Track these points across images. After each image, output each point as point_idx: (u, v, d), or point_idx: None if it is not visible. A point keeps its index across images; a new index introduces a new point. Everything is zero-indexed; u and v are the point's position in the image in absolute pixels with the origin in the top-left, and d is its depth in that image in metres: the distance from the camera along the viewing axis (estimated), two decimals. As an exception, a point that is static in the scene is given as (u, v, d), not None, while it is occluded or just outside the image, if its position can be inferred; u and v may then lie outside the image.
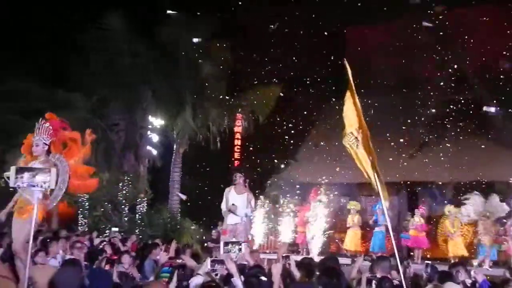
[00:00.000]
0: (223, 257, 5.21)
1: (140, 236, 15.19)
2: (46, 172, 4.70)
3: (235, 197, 9.49)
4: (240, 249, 5.20)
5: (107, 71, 18.76)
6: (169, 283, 5.18)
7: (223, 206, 9.61)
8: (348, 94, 5.47)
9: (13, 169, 4.72)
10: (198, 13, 19.47)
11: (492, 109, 17.33)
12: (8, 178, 4.84)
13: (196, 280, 5.03)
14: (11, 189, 5.39)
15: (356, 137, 5.31)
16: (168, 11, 19.35)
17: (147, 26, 19.35)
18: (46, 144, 6.05)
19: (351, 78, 5.46)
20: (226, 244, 5.29)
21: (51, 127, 6.12)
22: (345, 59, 5.56)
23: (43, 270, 4.88)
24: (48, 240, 8.18)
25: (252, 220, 10.04)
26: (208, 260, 5.27)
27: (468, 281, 6.32)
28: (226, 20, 20.98)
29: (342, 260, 7.16)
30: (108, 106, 18.92)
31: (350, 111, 5.39)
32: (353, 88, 5.44)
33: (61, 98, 18.54)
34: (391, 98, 19.20)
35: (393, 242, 5.75)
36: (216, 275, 5.03)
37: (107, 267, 7.32)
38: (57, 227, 15.73)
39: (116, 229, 13.48)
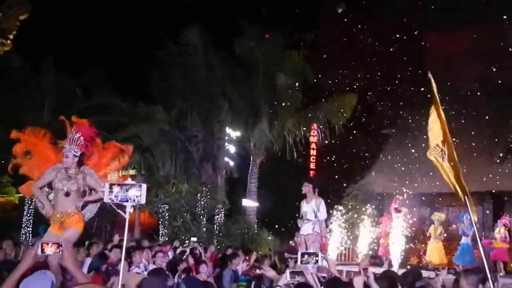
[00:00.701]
0: (302, 268, 5.15)
1: (218, 247, 15.37)
2: (137, 188, 4.87)
3: (305, 207, 9.54)
4: (317, 260, 5.09)
5: (185, 84, 19.36)
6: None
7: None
8: (433, 107, 5.37)
9: (107, 185, 4.92)
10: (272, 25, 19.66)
11: None
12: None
13: None
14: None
15: (442, 150, 5.20)
16: (243, 24, 19.62)
17: (224, 39, 19.80)
18: (76, 156, 6.13)
19: (435, 91, 5.35)
20: (303, 255, 5.20)
21: (82, 138, 6.17)
22: (429, 72, 5.44)
23: (134, 278, 5.02)
24: (131, 249, 8.41)
25: (325, 228, 9.94)
26: (288, 272, 5.23)
27: None
28: (302, 31, 21.09)
29: (425, 273, 6.90)
30: (186, 118, 19.43)
31: (435, 124, 5.29)
32: (438, 100, 5.33)
33: (142, 111, 19.30)
34: (476, 106, 18.48)
35: (482, 254, 5.47)
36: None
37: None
38: (140, 237, 16.27)
39: (195, 239, 13.73)
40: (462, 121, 17.40)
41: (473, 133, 17.11)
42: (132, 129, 18.72)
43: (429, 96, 5.52)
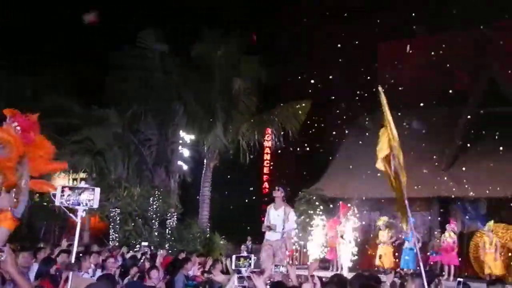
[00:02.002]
0: (243, 272, 5.14)
1: (170, 251, 15.27)
2: (90, 191, 4.80)
3: (274, 213, 9.41)
4: (250, 264, 5.11)
5: (140, 87, 19.19)
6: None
7: (265, 222, 9.57)
8: (383, 118, 5.54)
9: (58, 188, 4.82)
10: (229, 29, 19.70)
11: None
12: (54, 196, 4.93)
13: None
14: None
15: (390, 160, 5.38)
16: (201, 28, 19.60)
17: (180, 43, 19.73)
18: None
19: (385, 103, 5.52)
20: (238, 258, 5.21)
21: (19, 129, 5.70)
22: (379, 86, 5.63)
23: (84, 282, 4.94)
24: (80, 254, 8.27)
25: (292, 235, 9.91)
26: (235, 276, 5.24)
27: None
28: (258, 36, 21.20)
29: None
30: (140, 121, 19.26)
31: (385, 135, 5.46)
32: (388, 113, 5.50)
33: (95, 114, 19.00)
34: (425, 113, 19.03)
35: (419, 258, 5.68)
36: None
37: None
38: (89, 242, 15.98)
39: (146, 243, 13.57)
40: (412, 129, 17.90)
41: (423, 143, 17.56)
42: (84, 132, 18.40)
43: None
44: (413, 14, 21.40)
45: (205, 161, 20.08)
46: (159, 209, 17.62)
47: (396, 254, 16.03)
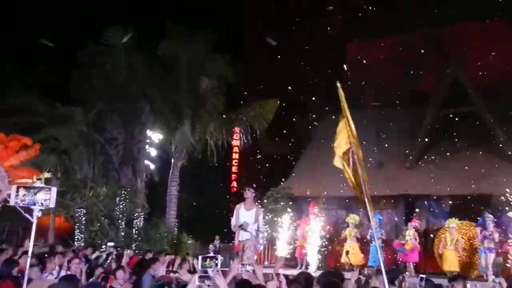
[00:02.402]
0: (210, 273, 5.09)
1: (137, 251, 15.11)
2: (46, 191, 4.70)
3: (244, 213, 9.35)
4: (216, 264, 5.06)
5: (106, 85, 18.92)
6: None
7: (233, 221, 9.52)
8: (341, 115, 5.55)
9: (14, 188, 4.71)
10: (197, 27, 19.60)
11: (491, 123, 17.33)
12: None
13: None
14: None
15: (349, 157, 5.39)
16: (167, 26, 19.43)
17: (146, 41, 19.53)
18: None
19: (343, 100, 5.53)
20: (204, 259, 5.15)
21: None
22: (338, 81, 5.60)
23: (41, 285, 4.84)
24: (45, 256, 8.11)
25: (263, 235, 9.88)
26: (196, 276, 5.21)
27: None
28: (226, 35, 21.14)
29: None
30: (106, 120, 19.00)
31: (343, 133, 5.46)
32: (346, 109, 5.51)
33: (60, 113, 18.67)
34: (391, 112, 19.31)
35: (380, 256, 5.75)
36: None
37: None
38: (54, 243, 15.70)
39: (112, 243, 13.38)
40: (379, 128, 18.14)
41: (389, 142, 17.80)
42: (49, 130, 18.05)
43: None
44: (381, 15, 21.72)
45: (172, 160, 19.93)
46: (126, 209, 17.42)
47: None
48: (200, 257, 5.05)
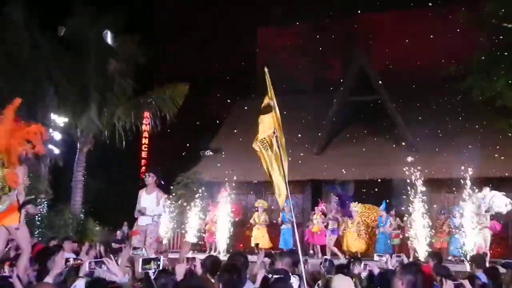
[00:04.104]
0: (151, 275, 5.00)
1: (40, 239, 14.53)
2: None
3: (146, 198, 9.39)
4: (159, 265, 5.00)
5: (7, 64, 17.79)
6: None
7: (137, 206, 9.46)
8: (266, 99, 5.60)
9: None
10: (105, 7, 18.93)
11: (395, 111, 18.18)
12: None
13: (78, 283, 4.86)
14: None
15: (269, 142, 5.46)
16: (74, 4, 18.59)
17: (51, 18, 18.61)
18: None
19: (269, 85, 5.60)
20: (144, 261, 5.04)
21: None
22: (266, 66, 5.68)
23: None
24: None
25: (159, 221, 9.90)
26: (87, 262, 5.14)
27: (364, 274, 6.62)
28: (135, 14, 20.60)
29: (251, 258, 7.24)
30: (6, 101, 17.92)
31: (269, 116, 5.53)
32: (272, 94, 5.58)
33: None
34: (299, 99, 19.73)
35: (297, 239, 5.91)
36: None
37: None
38: None
39: (13, 231, 12.77)
40: (287, 113, 18.48)
41: (297, 128, 18.18)
42: None
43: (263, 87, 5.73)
44: (293, 1, 22.07)
45: (78, 145, 19.25)
46: (28, 195, 16.61)
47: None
48: (140, 259, 4.95)
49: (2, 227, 6.46)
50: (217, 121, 22.04)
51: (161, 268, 4.95)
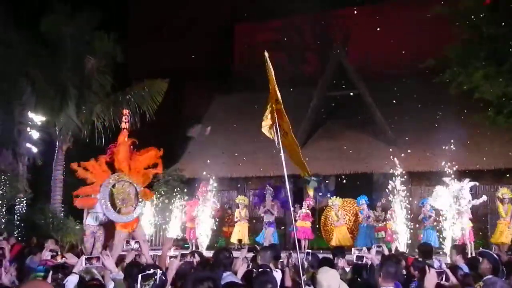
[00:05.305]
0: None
1: (19, 238, 14.40)
2: None
3: None
4: (156, 280, 4.76)
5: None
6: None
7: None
8: (270, 86, 5.53)
9: None
10: (80, 5, 18.72)
11: (373, 105, 18.32)
12: None
13: (72, 279, 4.86)
14: None
15: (283, 129, 5.41)
16: (49, 1, 18.34)
17: (27, 16, 18.36)
18: None
19: (272, 71, 5.48)
20: (143, 278, 4.72)
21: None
22: (266, 51, 5.53)
23: None
24: None
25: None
26: (83, 258, 5.13)
27: (347, 267, 6.71)
28: (110, 11, 20.41)
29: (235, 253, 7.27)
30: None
31: (269, 105, 5.52)
32: (273, 80, 5.48)
33: None
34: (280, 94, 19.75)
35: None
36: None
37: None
38: None
39: (-8, 232, 12.69)
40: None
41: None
42: None
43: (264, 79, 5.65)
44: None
45: (57, 143, 19.04)
46: (6, 195, 16.49)
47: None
48: (139, 276, 4.67)
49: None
50: (196, 118, 21.95)
51: (158, 282, 4.69)
